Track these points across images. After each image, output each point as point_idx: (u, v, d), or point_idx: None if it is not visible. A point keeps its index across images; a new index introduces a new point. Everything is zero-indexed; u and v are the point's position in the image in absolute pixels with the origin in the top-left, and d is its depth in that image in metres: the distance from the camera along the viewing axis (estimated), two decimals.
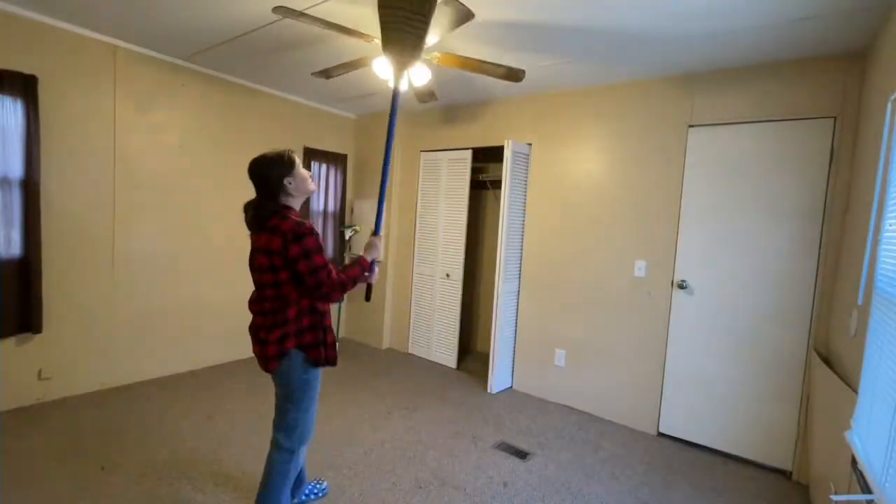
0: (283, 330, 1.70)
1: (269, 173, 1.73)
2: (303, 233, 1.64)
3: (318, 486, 2.21)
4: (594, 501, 2.34)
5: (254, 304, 1.79)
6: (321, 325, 1.78)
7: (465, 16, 1.98)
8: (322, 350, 1.77)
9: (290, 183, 1.75)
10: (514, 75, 2.54)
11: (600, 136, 3.40)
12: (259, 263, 1.71)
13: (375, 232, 1.98)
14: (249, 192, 1.78)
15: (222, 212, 3.80)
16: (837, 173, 2.54)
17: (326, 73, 2.75)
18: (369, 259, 1.89)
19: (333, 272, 1.70)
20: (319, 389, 1.86)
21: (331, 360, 1.81)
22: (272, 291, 1.70)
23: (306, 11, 2.21)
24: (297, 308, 1.71)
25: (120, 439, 2.60)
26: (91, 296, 3.14)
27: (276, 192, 1.73)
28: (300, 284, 1.69)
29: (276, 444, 1.82)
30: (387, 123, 2.09)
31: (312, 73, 2.89)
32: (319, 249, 1.67)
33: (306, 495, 2.15)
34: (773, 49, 2.53)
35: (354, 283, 1.79)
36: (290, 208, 1.76)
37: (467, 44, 2.70)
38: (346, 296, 4.93)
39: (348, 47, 2.85)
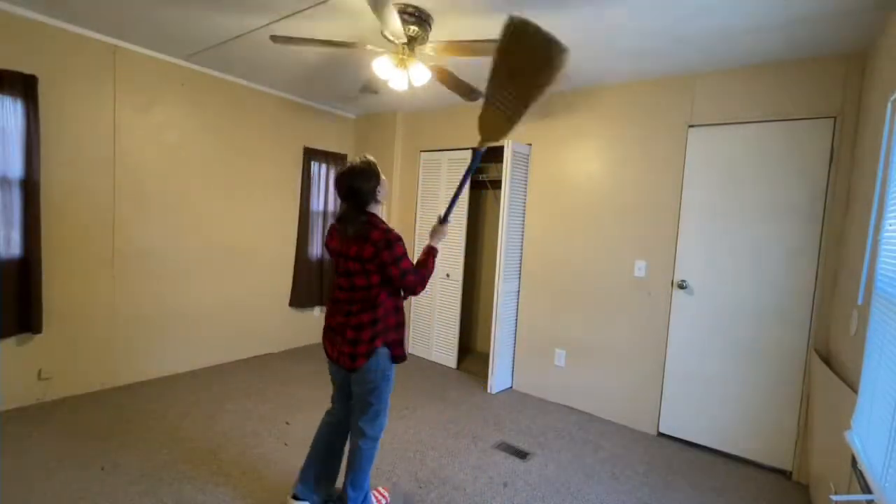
0: (373, 330, 1.84)
1: (363, 186, 1.82)
2: (391, 240, 1.78)
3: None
4: (594, 501, 2.34)
5: (340, 305, 1.90)
6: (403, 324, 1.95)
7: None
8: (402, 347, 1.95)
9: (379, 192, 1.87)
10: (473, 95, 2.61)
11: (600, 136, 3.40)
12: (347, 268, 1.85)
13: (444, 220, 2.00)
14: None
15: (222, 212, 3.80)
16: (837, 173, 2.54)
17: (370, 88, 2.84)
18: (437, 246, 1.98)
19: (414, 273, 1.85)
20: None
21: (404, 357, 1.98)
22: (363, 294, 1.84)
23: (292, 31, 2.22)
24: (383, 308, 1.86)
25: (120, 439, 2.60)
26: (91, 296, 3.14)
27: (367, 203, 1.84)
28: (390, 285, 1.86)
29: (361, 433, 1.95)
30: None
31: (361, 90, 3.01)
32: (405, 254, 1.82)
33: None
34: (773, 49, 2.53)
35: (432, 272, 1.93)
36: (375, 215, 1.88)
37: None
38: None
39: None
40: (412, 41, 2.35)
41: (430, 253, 1.95)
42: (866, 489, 1.46)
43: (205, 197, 3.69)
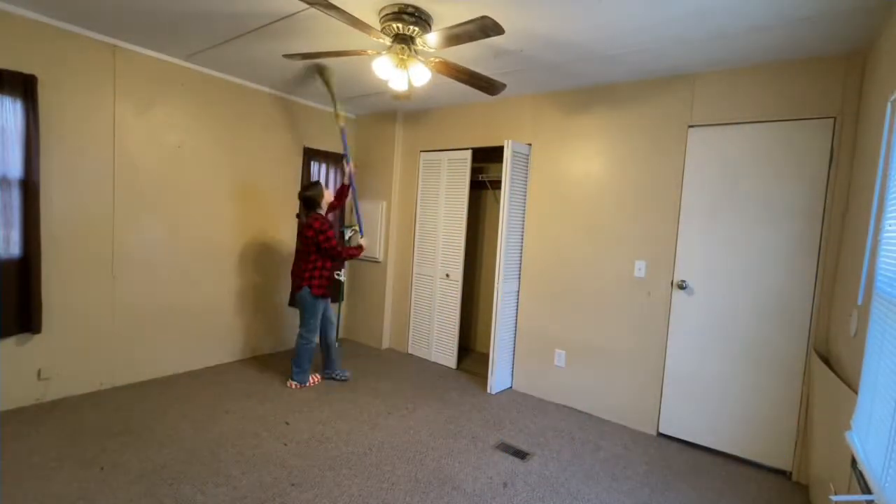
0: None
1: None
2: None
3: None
4: (594, 502, 2.34)
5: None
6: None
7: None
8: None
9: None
10: (493, 88, 2.78)
11: (600, 136, 3.40)
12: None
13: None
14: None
15: (222, 211, 3.79)
16: (837, 174, 2.54)
17: (405, 97, 3.05)
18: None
19: None
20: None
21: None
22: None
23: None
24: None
25: (120, 439, 2.60)
26: (91, 296, 3.14)
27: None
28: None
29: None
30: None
31: (393, 98, 3.25)
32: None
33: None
34: (773, 49, 2.53)
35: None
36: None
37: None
38: (345, 298, 4.93)
39: (344, 43, 2.85)
40: (411, 40, 2.35)
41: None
42: (866, 489, 1.46)
43: (204, 197, 3.69)
